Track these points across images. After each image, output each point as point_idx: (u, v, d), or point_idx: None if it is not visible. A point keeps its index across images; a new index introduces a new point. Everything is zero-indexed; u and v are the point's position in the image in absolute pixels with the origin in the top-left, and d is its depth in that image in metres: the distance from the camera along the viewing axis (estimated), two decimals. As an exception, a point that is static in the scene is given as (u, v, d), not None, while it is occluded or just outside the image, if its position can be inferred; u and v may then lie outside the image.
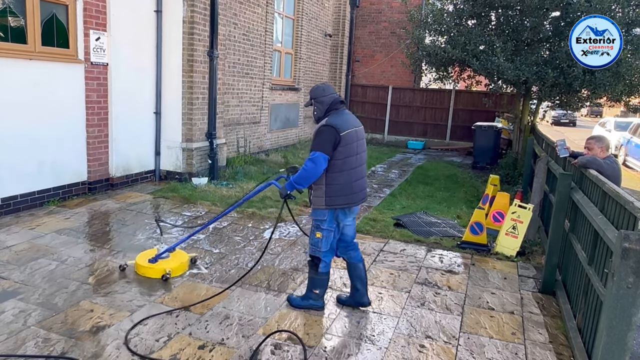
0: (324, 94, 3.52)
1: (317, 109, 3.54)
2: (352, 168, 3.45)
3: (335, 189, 3.42)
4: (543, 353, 3.33)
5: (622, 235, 2.10)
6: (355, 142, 3.46)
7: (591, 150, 4.53)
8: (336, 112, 3.48)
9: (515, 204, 5.45)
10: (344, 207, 3.49)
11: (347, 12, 15.05)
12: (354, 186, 3.48)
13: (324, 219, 3.50)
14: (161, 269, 4.09)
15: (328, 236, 3.55)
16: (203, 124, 7.84)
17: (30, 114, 5.58)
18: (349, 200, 3.48)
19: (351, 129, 3.44)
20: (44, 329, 3.18)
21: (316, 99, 3.53)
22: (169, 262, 4.19)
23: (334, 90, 3.59)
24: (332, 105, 3.50)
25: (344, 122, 3.42)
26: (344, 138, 3.36)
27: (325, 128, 3.37)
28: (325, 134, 3.35)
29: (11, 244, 4.60)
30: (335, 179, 3.41)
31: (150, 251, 4.39)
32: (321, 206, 3.48)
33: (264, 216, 6.14)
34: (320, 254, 3.57)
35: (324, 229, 3.52)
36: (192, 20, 7.33)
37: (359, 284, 3.76)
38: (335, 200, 3.44)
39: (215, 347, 3.12)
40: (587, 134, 10.32)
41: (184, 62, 7.46)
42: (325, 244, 3.56)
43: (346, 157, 3.40)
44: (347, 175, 3.43)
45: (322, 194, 3.45)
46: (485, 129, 11.85)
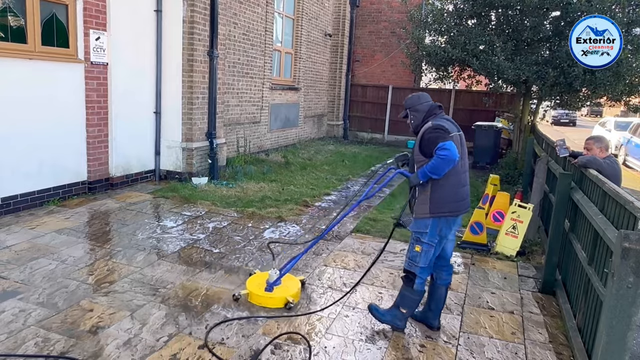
0: (420, 102, 3.39)
1: (414, 118, 3.40)
2: (457, 174, 3.27)
3: (442, 196, 3.22)
4: (543, 353, 3.33)
5: (622, 235, 2.10)
6: (460, 146, 3.27)
7: (590, 151, 4.53)
8: (435, 117, 3.33)
9: (515, 204, 5.45)
10: (449, 216, 3.28)
11: (347, 11, 15.05)
12: (459, 193, 3.29)
13: (426, 231, 3.27)
14: (282, 297, 3.75)
15: (428, 251, 3.30)
16: (203, 123, 7.84)
17: (30, 113, 5.58)
18: (456, 208, 3.28)
19: (456, 132, 3.28)
20: (43, 329, 3.18)
21: (411, 108, 3.41)
22: (286, 290, 3.83)
23: (429, 98, 3.44)
24: (430, 111, 3.36)
25: (448, 125, 3.25)
26: (454, 139, 3.19)
27: (434, 130, 3.19)
28: (436, 133, 3.16)
29: (11, 244, 4.60)
30: (441, 185, 3.21)
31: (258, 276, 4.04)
32: (425, 214, 3.26)
33: (264, 216, 6.13)
34: (417, 269, 3.32)
35: (425, 242, 3.28)
36: (192, 20, 7.32)
37: (433, 305, 3.56)
38: (441, 207, 3.23)
39: (215, 347, 3.12)
40: (587, 134, 10.32)
41: (184, 61, 7.46)
42: (424, 260, 3.30)
43: None
44: (454, 181, 3.24)
45: (427, 201, 3.25)
46: (485, 128, 11.85)
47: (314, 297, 3.98)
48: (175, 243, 4.98)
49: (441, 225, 3.27)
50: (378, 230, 5.83)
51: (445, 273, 3.54)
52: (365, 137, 15.98)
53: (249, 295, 3.81)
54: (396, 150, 14.01)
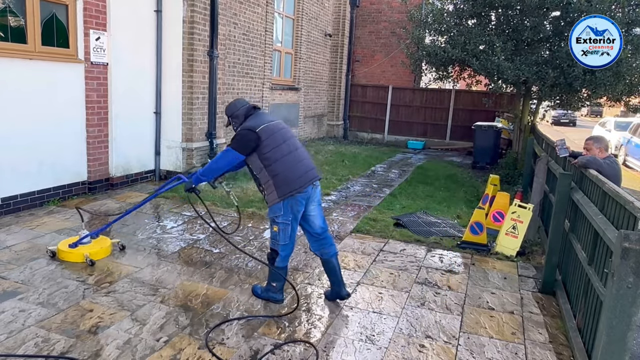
0: (237, 108, 3.71)
1: (235, 123, 3.73)
2: (286, 154, 3.54)
3: (280, 179, 3.49)
4: (543, 353, 3.33)
5: (622, 235, 2.10)
6: (277, 132, 3.58)
7: (589, 151, 4.53)
8: (252, 117, 3.66)
9: (515, 204, 5.45)
10: (295, 194, 3.51)
11: (347, 12, 15.06)
12: (296, 170, 3.53)
13: (280, 213, 3.55)
14: (80, 253, 4.28)
15: (285, 229, 3.57)
16: (203, 123, 7.84)
17: (30, 113, 5.58)
18: (299, 184, 3.51)
19: (268, 122, 3.59)
20: (43, 329, 3.18)
21: (232, 116, 3.73)
22: (89, 247, 4.36)
23: (245, 102, 3.78)
24: (247, 114, 3.69)
25: (258, 121, 3.57)
26: (262, 132, 3.50)
27: (240, 132, 3.56)
28: (239, 136, 3.54)
29: (11, 244, 4.61)
30: (275, 170, 3.49)
31: (73, 238, 4.55)
32: (275, 200, 3.53)
33: (264, 216, 6.13)
34: (278, 247, 3.62)
35: (279, 222, 3.57)
36: (192, 20, 7.33)
37: (333, 277, 3.84)
38: (284, 189, 3.48)
39: (215, 347, 3.12)
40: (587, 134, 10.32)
41: (184, 61, 7.46)
42: (283, 237, 3.59)
43: (275, 147, 3.51)
44: (284, 163, 3.51)
45: (273, 189, 3.52)
46: (485, 128, 11.85)
47: (313, 297, 3.98)
48: (175, 243, 4.98)
49: (291, 203, 3.53)
50: (378, 231, 5.83)
51: (326, 247, 3.79)
52: (365, 137, 15.98)
53: (58, 251, 4.33)
54: (396, 151, 14.02)
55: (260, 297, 3.84)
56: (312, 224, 3.73)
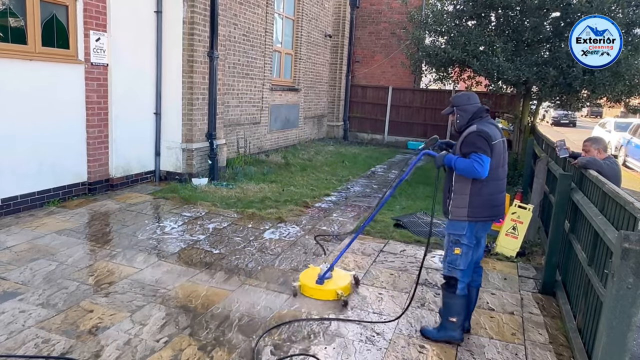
0: (469, 102, 3.34)
1: (460, 117, 3.35)
2: (498, 179, 3.27)
3: (480, 200, 3.22)
4: (543, 353, 3.33)
5: (622, 235, 2.10)
6: (502, 154, 3.27)
7: (588, 152, 4.53)
8: (480, 121, 3.28)
9: (515, 205, 5.45)
10: (485, 221, 3.29)
11: (347, 12, 15.06)
12: (497, 199, 3.28)
13: (463, 234, 3.25)
14: (333, 290, 3.91)
15: (467, 253, 3.28)
16: (203, 124, 7.84)
17: (30, 114, 5.58)
18: (492, 213, 3.28)
19: (499, 139, 3.25)
20: (44, 330, 3.18)
21: (459, 107, 3.35)
22: (336, 282, 4.01)
23: (478, 100, 3.40)
24: (477, 113, 3.32)
25: (493, 132, 3.21)
26: (494, 147, 3.18)
27: (479, 134, 3.17)
28: (479, 140, 3.15)
29: (11, 245, 4.61)
30: (481, 189, 3.21)
31: (311, 270, 4.21)
32: (462, 217, 3.24)
33: (264, 217, 6.13)
34: (459, 273, 3.28)
35: (464, 244, 3.26)
36: (192, 21, 7.33)
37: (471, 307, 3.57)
38: (479, 212, 3.23)
39: (215, 347, 3.12)
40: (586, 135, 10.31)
41: (184, 62, 7.46)
42: (464, 262, 3.28)
43: (495, 168, 3.22)
44: (493, 187, 3.24)
45: (465, 205, 3.23)
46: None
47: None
48: (175, 244, 4.98)
49: (478, 228, 3.29)
50: (378, 231, 5.83)
51: (476, 275, 3.52)
52: (365, 138, 15.98)
53: (301, 287, 3.97)
54: (396, 151, 14.02)
55: (437, 339, 3.40)
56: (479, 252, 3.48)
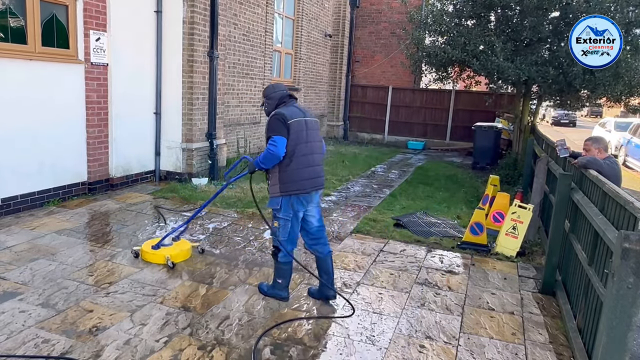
0: (274, 91, 3.82)
1: (268, 105, 3.83)
2: (302, 155, 3.61)
3: (287, 176, 3.58)
4: (543, 353, 3.33)
5: (622, 235, 2.10)
6: (305, 130, 3.65)
7: (588, 152, 4.54)
8: (284, 105, 3.73)
9: (515, 204, 5.45)
10: (297, 194, 3.62)
11: (347, 12, 15.06)
12: (303, 173, 3.62)
13: (279, 208, 3.65)
14: (162, 255, 4.38)
15: (285, 225, 3.67)
16: (203, 124, 7.84)
17: (30, 114, 5.58)
18: (301, 187, 3.61)
19: (298, 117, 3.65)
20: (44, 330, 3.18)
21: (266, 97, 3.84)
22: (170, 249, 4.47)
23: (284, 87, 3.89)
24: (281, 99, 3.78)
25: (291, 112, 3.63)
26: (291, 126, 3.57)
27: (272, 117, 3.62)
28: (274, 122, 3.58)
29: (11, 245, 4.60)
30: (286, 165, 3.57)
31: (155, 239, 4.69)
32: (276, 194, 3.64)
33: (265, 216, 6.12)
34: (279, 243, 3.69)
35: (280, 217, 3.66)
36: (192, 21, 7.33)
37: (325, 276, 3.89)
38: (288, 186, 3.59)
39: (215, 347, 3.12)
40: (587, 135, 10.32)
41: (184, 62, 7.46)
42: (283, 232, 3.68)
43: (296, 145, 3.58)
44: (297, 162, 3.59)
45: (277, 182, 3.62)
46: (485, 129, 11.85)
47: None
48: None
49: (292, 201, 3.63)
50: (378, 231, 5.83)
51: (320, 246, 3.87)
52: (365, 137, 15.98)
53: (141, 252, 4.49)
54: (396, 151, 14.02)
55: (267, 294, 3.90)
56: (310, 224, 3.82)
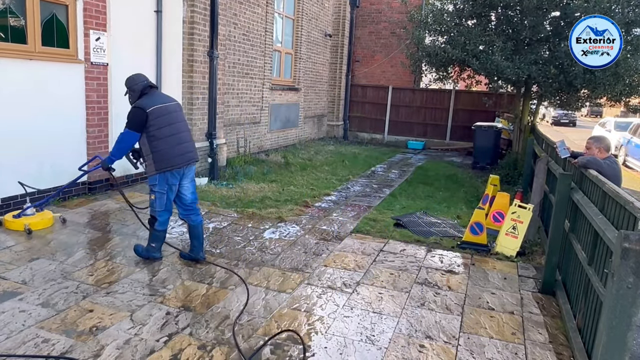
0: (135, 83, 4.19)
1: (131, 96, 4.22)
2: (169, 135, 4.09)
3: (158, 155, 4.06)
4: (543, 353, 3.33)
5: (622, 235, 2.10)
6: (167, 114, 4.11)
7: (589, 150, 4.55)
8: (146, 96, 4.14)
9: (515, 204, 5.45)
10: (170, 169, 4.11)
11: (347, 12, 15.06)
12: (174, 150, 4.11)
13: (155, 183, 4.14)
14: (21, 223, 4.86)
15: (161, 197, 4.18)
16: (203, 124, 7.84)
17: (30, 114, 5.58)
18: (173, 163, 4.10)
19: (158, 105, 4.07)
20: (43, 329, 3.18)
21: (130, 89, 4.21)
22: (31, 218, 4.95)
23: (144, 78, 4.24)
24: (142, 90, 4.16)
25: (151, 101, 4.07)
26: (151, 113, 4.00)
27: (133, 110, 4.06)
28: (132, 115, 4.04)
29: (11, 244, 4.60)
30: (156, 146, 4.04)
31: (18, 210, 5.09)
32: (152, 172, 4.12)
33: (264, 216, 6.13)
34: (156, 213, 4.23)
35: (156, 191, 4.17)
36: (192, 21, 7.33)
37: (195, 242, 4.45)
38: (161, 164, 4.07)
39: (215, 347, 3.13)
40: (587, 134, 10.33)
41: (184, 62, 7.46)
42: (159, 204, 4.20)
43: (160, 128, 4.04)
44: (165, 142, 4.06)
45: (151, 162, 4.09)
46: (485, 129, 11.85)
47: (313, 297, 3.99)
48: (175, 243, 4.98)
49: (167, 176, 4.14)
50: (378, 231, 5.83)
51: (193, 216, 4.43)
52: (365, 137, 15.98)
53: (3, 221, 4.95)
54: (396, 151, 14.02)
55: (142, 255, 4.41)
56: (184, 197, 4.35)
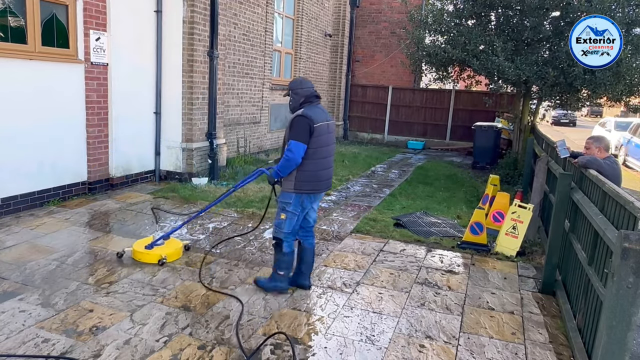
0: (301, 87, 3.83)
1: (293, 100, 3.84)
2: (321, 158, 3.75)
3: (305, 175, 3.71)
4: (543, 353, 3.33)
5: (622, 235, 2.10)
6: (326, 134, 3.76)
7: (589, 150, 4.55)
8: (310, 105, 3.77)
9: (515, 204, 5.45)
10: (310, 193, 3.79)
11: (347, 12, 15.06)
12: (321, 175, 3.78)
13: (290, 202, 3.77)
14: (157, 254, 4.38)
15: (292, 219, 3.82)
16: (203, 124, 7.84)
17: (30, 114, 5.58)
18: (316, 187, 3.79)
19: (323, 121, 3.74)
20: (43, 329, 3.18)
21: (293, 90, 3.84)
22: (164, 249, 4.48)
23: (311, 85, 3.89)
24: (307, 98, 3.79)
25: (317, 115, 3.70)
26: (317, 129, 3.65)
27: (300, 118, 3.65)
28: (299, 125, 3.64)
29: (11, 244, 4.60)
30: (305, 165, 3.68)
31: (146, 239, 4.67)
32: (290, 189, 3.76)
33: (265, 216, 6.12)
34: (282, 235, 3.84)
35: (289, 211, 3.80)
36: (192, 20, 7.33)
37: (304, 267, 4.07)
38: (303, 185, 3.73)
39: (215, 347, 3.12)
40: (587, 134, 10.32)
41: (184, 62, 7.46)
42: (288, 226, 3.82)
43: (318, 147, 3.69)
44: (316, 164, 3.72)
45: (292, 179, 3.74)
46: (485, 129, 11.85)
47: (313, 297, 3.98)
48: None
49: (303, 199, 3.79)
50: (378, 231, 5.83)
51: (311, 238, 4.11)
52: (365, 137, 15.98)
53: (133, 252, 4.46)
54: (396, 151, 14.02)
55: (267, 288, 3.96)
56: (310, 218, 4.05)
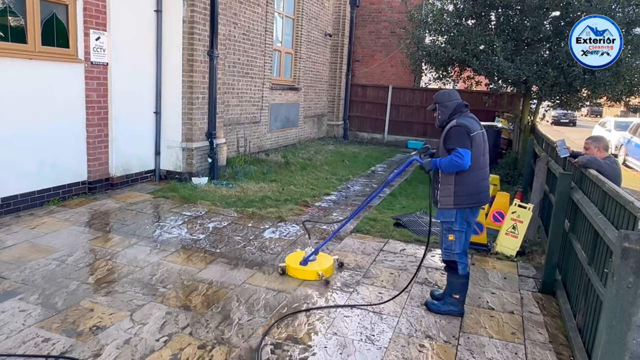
0: (450, 99, 3.64)
1: (442, 113, 3.65)
2: (480, 168, 3.54)
3: (464, 189, 3.49)
4: (543, 353, 3.33)
5: (622, 235, 2.10)
6: (481, 144, 3.56)
7: (588, 150, 4.55)
8: (461, 115, 3.59)
9: (515, 204, 5.45)
10: (472, 207, 3.56)
11: (347, 11, 15.06)
12: (481, 186, 3.56)
13: (453, 220, 3.55)
14: (314, 271, 4.25)
15: (460, 237, 3.59)
16: (203, 123, 7.84)
17: (30, 113, 5.58)
18: (477, 200, 3.55)
19: (479, 130, 3.56)
20: (43, 329, 3.18)
21: (441, 104, 3.66)
22: (318, 264, 4.34)
23: (458, 95, 3.70)
24: (457, 109, 3.61)
25: (472, 124, 3.52)
26: (474, 138, 3.47)
27: (457, 128, 3.48)
28: (459, 133, 3.45)
29: (11, 244, 4.60)
30: (464, 178, 3.48)
31: (296, 253, 4.58)
32: (449, 206, 3.53)
33: (264, 216, 6.13)
34: (456, 256, 3.61)
35: (456, 230, 3.57)
36: (192, 20, 7.32)
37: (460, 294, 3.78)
38: (464, 199, 3.50)
39: (215, 346, 3.13)
40: (587, 134, 10.31)
41: (184, 61, 7.46)
42: (459, 245, 3.59)
43: (476, 157, 3.48)
44: (475, 175, 3.51)
45: (451, 194, 3.51)
46: (485, 128, 11.82)
47: (313, 296, 3.98)
48: (175, 243, 4.98)
49: (467, 214, 3.58)
50: (378, 231, 5.83)
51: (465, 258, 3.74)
52: (365, 137, 15.98)
53: (287, 268, 4.31)
54: (396, 151, 14.02)
55: (440, 312, 3.73)
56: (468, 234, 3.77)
